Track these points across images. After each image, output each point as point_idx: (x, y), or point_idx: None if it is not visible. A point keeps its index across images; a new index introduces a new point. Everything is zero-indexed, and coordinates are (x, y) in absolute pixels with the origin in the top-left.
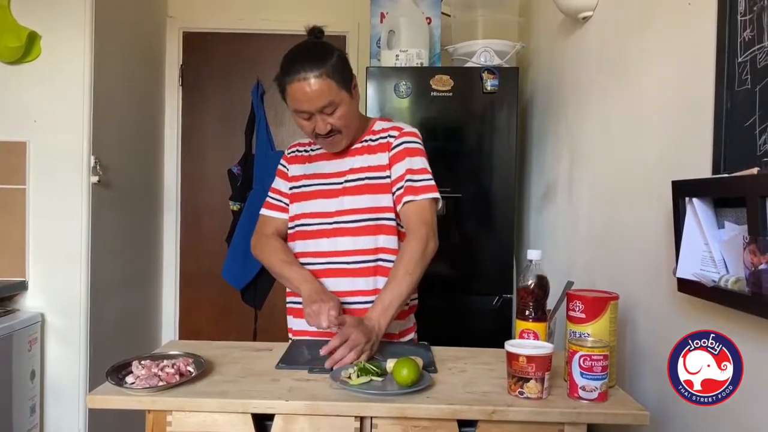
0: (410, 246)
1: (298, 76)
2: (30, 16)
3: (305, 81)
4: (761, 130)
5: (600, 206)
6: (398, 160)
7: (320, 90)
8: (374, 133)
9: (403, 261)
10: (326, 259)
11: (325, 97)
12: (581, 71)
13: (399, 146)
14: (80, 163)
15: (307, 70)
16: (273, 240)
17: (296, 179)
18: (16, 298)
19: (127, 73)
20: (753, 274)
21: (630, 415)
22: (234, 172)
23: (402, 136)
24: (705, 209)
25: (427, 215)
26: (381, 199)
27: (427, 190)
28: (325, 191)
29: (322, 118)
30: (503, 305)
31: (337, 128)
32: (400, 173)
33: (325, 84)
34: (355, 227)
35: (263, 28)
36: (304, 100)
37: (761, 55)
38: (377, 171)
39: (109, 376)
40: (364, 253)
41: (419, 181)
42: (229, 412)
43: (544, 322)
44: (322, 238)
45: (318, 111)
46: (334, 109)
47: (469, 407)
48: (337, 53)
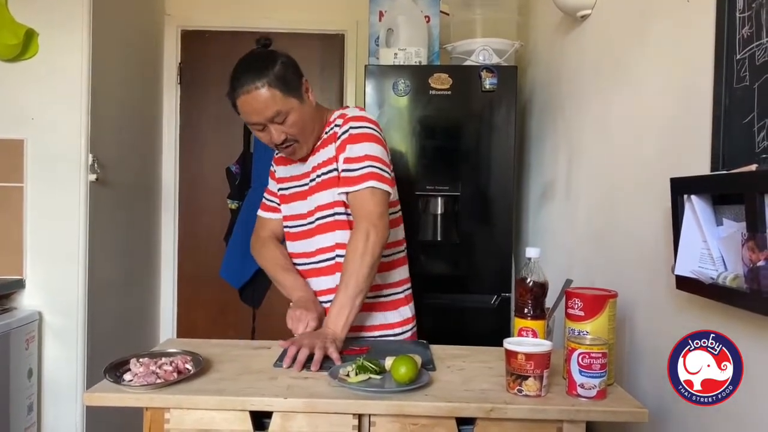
0: (351, 243)
1: (241, 90)
2: (27, 14)
3: (249, 94)
4: (759, 127)
5: (598, 204)
6: (341, 150)
7: (265, 101)
8: (329, 125)
9: (347, 261)
10: (306, 260)
11: (271, 107)
12: (580, 69)
13: (343, 135)
14: (78, 161)
15: (249, 83)
16: (270, 242)
17: (282, 180)
18: (13, 296)
19: (124, 71)
20: (751, 271)
21: (629, 413)
22: (232, 170)
23: (345, 123)
24: (703, 206)
25: (368, 205)
26: (329, 194)
27: (365, 179)
28: (298, 193)
29: (274, 127)
30: (502, 304)
31: (292, 136)
32: (341, 164)
33: (269, 94)
34: (315, 226)
35: (262, 26)
36: (252, 112)
37: (760, 52)
38: (327, 165)
39: (107, 374)
40: (324, 252)
41: (357, 170)
42: (227, 410)
43: (543, 319)
44: (302, 240)
45: (268, 121)
46: (285, 118)
47: (468, 405)
48: (281, 60)
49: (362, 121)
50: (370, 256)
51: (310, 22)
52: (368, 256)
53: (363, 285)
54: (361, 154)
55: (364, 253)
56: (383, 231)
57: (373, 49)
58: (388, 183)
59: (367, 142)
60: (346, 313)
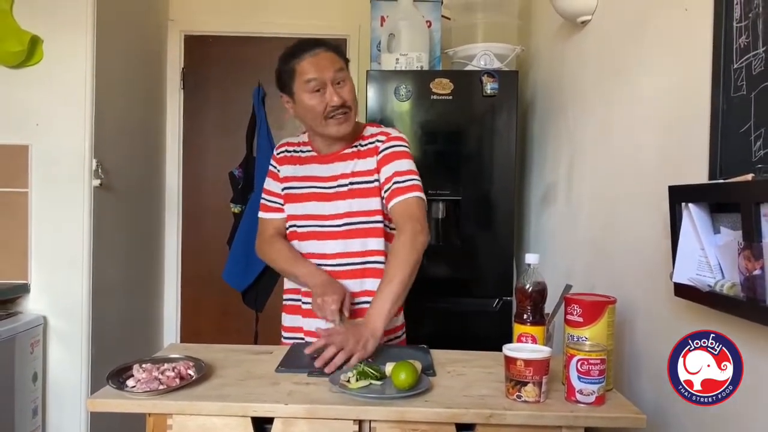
0: (399, 243)
1: (307, 53)
2: (32, 21)
3: (317, 55)
4: (756, 136)
5: (599, 210)
6: (385, 163)
7: (332, 59)
8: (364, 138)
9: (394, 260)
10: (317, 261)
11: (338, 64)
12: (580, 75)
13: (386, 150)
14: (82, 167)
15: (319, 47)
16: (276, 241)
17: (288, 180)
18: (18, 300)
19: (128, 77)
20: (747, 280)
21: (627, 419)
22: (235, 174)
23: (389, 141)
24: (701, 214)
25: (415, 210)
26: (370, 202)
27: (413, 190)
28: (318, 194)
29: (333, 89)
30: (503, 308)
31: (347, 103)
32: (387, 175)
33: (335, 57)
34: (345, 230)
35: (264, 31)
36: (317, 68)
37: (756, 62)
38: (366, 175)
39: (110, 380)
40: (352, 256)
41: (405, 182)
42: (228, 416)
43: (542, 325)
44: (313, 240)
45: (330, 80)
46: (344, 83)
47: (467, 411)
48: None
49: (402, 141)
50: (417, 254)
51: (313, 27)
52: (415, 253)
53: (407, 281)
54: (408, 168)
55: (412, 251)
56: (428, 235)
57: (375, 54)
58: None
59: (409, 160)
60: (388, 308)
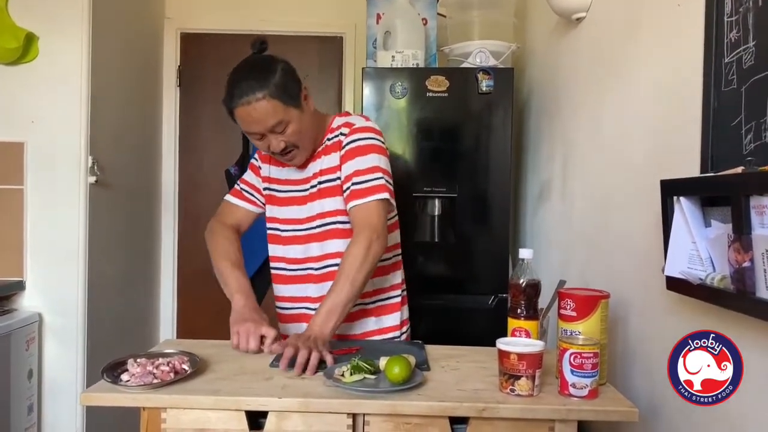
0: (352, 250)
1: (241, 101)
2: (27, 18)
3: (249, 105)
4: (747, 130)
5: (592, 206)
6: (346, 160)
7: (265, 112)
8: (331, 131)
9: (345, 267)
10: (296, 266)
11: (272, 118)
12: (575, 72)
13: (348, 145)
14: (78, 164)
15: (250, 94)
16: (229, 231)
17: (269, 180)
18: (13, 297)
19: (124, 74)
20: (737, 272)
21: (619, 412)
22: (231, 172)
23: (352, 134)
24: (692, 208)
25: (373, 217)
26: (333, 202)
27: (374, 191)
28: (295, 198)
29: (274, 137)
30: (499, 305)
31: (291, 144)
32: (346, 174)
33: (270, 105)
34: (321, 232)
35: (261, 29)
36: (251, 123)
37: (747, 56)
38: (330, 173)
39: (105, 374)
40: (319, 259)
41: (366, 182)
42: (222, 410)
43: (536, 320)
44: (293, 245)
45: (268, 131)
46: (285, 127)
47: (460, 404)
48: (281, 67)
49: (368, 132)
50: (369, 264)
51: (309, 24)
52: (367, 264)
53: (356, 292)
54: (371, 165)
55: (364, 262)
56: (384, 243)
57: (371, 52)
58: (392, 194)
59: (375, 154)
60: (335, 318)
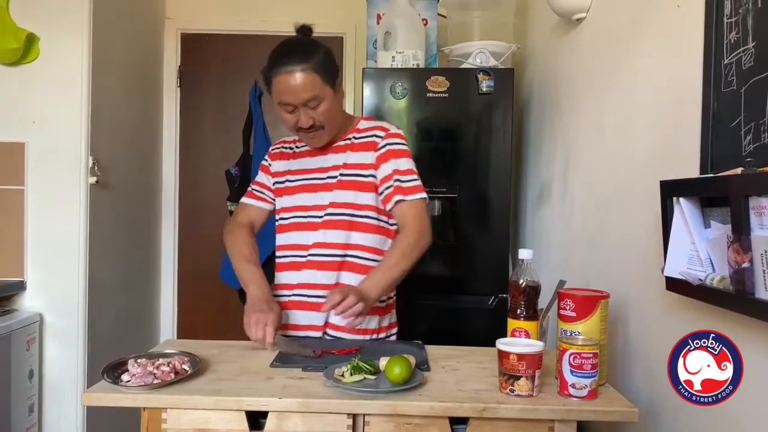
0: (405, 237)
1: (284, 68)
2: (28, 18)
3: (290, 74)
4: (746, 131)
5: (593, 206)
6: (384, 160)
7: (305, 83)
8: (358, 131)
9: (398, 247)
10: (306, 252)
11: (309, 90)
12: (575, 72)
13: (385, 147)
14: (78, 164)
15: (294, 63)
16: (243, 230)
17: (279, 174)
18: (14, 298)
19: (125, 75)
20: (736, 273)
21: (619, 413)
22: (232, 172)
23: (388, 137)
24: (692, 209)
25: (421, 212)
26: (360, 196)
27: (417, 191)
28: (308, 185)
29: (305, 111)
30: (499, 305)
31: (319, 123)
32: (386, 173)
33: (310, 78)
34: (325, 221)
35: (261, 29)
36: (289, 92)
37: (746, 57)
38: (362, 168)
39: (105, 374)
40: (332, 247)
41: (408, 182)
42: (223, 410)
43: (536, 320)
44: (302, 231)
45: (302, 104)
46: (318, 104)
47: (460, 404)
48: (324, 49)
49: (402, 138)
50: (419, 251)
51: (311, 24)
52: (418, 250)
53: (402, 274)
54: (409, 168)
55: (415, 248)
56: (430, 238)
57: (371, 52)
58: None
59: (409, 159)
60: (381, 288)
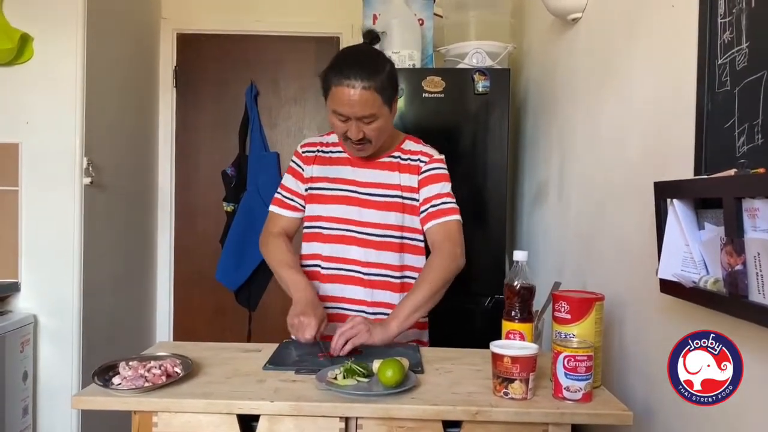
0: (437, 261)
1: (347, 81)
2: (22, 18)
3: (352, 89)
4: (740, 132)
5: (588, 207)
6: (426, 184)
7: (365, 101)
8: (404, 152)
9: (429, 275)
10: (339, 265)
11: (368, 108)
12: (571, 73)
13: (428, 171)
14: (73, 165)
15: (358, 79)
16: (279, 239)
17: (315, 180)
18: (8, 299)
19: (120, 75)
20: (729, 275)
21: (613, 416)
22: (228, 173)
23: (432, 162)
24: (685, 210)
25: (456, 235)
26: (408, 219)
27: (452, 212)
28: (347, 197)
29: (358, 125)
30: (496, 306)
31: (368, 138)
32: (427, 196)
33: (371, 97)
34: (380, 242)
35: (257, 29)
36: (346, 105)
37: (740, 57)
38: (407, 191)
39: (96, 377)
40: (389, 268)
41: (445, 204)
42: (214, 413)
43: (530, 322)
44: (339, 244)
45: (356, 118)
46: (372, 121)
47: (453, 408)
48: (389, 67)
49: (444, 164)
50: (450, 275)
51: (305, 25)
52: (449, 274)
53: (434, 298)
54: (447, 191)
55: (446, 271)
56: (464, 260)
57: None
58: None
59: (448, 183)
60: (411, 321)
